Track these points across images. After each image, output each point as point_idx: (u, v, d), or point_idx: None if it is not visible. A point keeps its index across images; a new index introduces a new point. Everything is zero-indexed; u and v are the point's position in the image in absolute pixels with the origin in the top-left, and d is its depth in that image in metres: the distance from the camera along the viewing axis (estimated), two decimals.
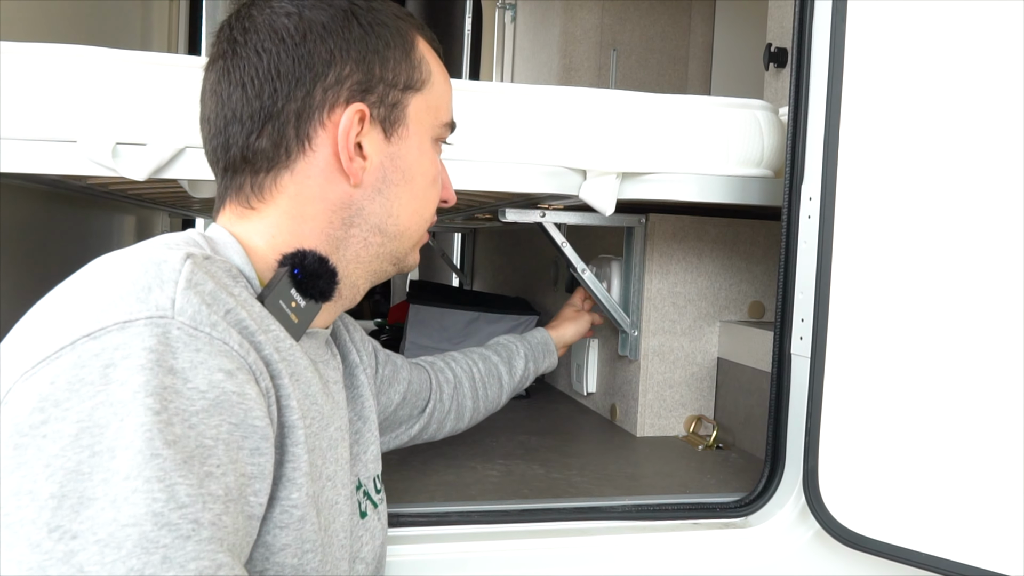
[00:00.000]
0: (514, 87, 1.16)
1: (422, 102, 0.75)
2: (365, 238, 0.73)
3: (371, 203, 0.72)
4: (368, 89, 0.70)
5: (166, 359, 0.51)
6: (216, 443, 0.51)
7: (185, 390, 0.51)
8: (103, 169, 0.99)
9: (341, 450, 0.74)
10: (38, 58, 0.98)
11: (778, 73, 2.02)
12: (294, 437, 0.61)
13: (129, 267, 0.55)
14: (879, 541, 0.99)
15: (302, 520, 0.61)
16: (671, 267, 1.54)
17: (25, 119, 0.98)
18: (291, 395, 0.61)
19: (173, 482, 0.48)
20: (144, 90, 1.00)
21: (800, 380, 1.07)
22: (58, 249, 1.84)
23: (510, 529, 1.04)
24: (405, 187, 0.74)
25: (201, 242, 0.66)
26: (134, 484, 0.46)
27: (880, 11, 0.99)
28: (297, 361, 0.65)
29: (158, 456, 0.48)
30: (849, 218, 1.01)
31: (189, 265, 0.56)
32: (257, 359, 0.57)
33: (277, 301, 0.65)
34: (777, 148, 1.26)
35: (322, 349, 0.76)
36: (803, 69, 1.06)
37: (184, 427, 0.50)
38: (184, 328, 0.52)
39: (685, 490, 1.21)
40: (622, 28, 3.13)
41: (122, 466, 0.47)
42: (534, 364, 1.31)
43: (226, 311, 0.56)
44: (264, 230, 0.70)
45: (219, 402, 0.52)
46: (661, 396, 1.55)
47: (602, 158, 1.16)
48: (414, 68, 0.74)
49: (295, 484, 0.60)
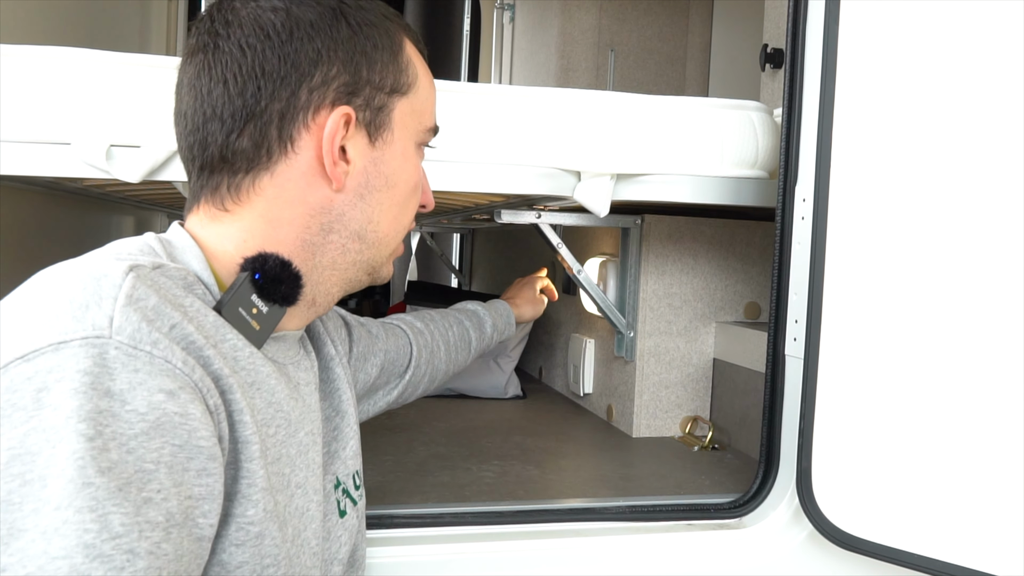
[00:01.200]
0: (508, 89, 1.17)
1: (407, 106, 0.72)
2: (343, 244, 0.70)
3: (352, 209, 0.70)
4: (355, 91, 0.68)
5: (102, 381, 0.49)
6: (157, 467, 0.49)
7: (123, 413, 0.49)
8: (97, 171, 0.99)
9: (313, 455, 0.72)
10: (32, 60, 0.98)
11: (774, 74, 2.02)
12: (248, 452, 0.59)
13: (67, 283, 0.53)
14: (872, 542, 0.99)
15: (259, 537, 0.59)
16: (667, 268, 1.54)
17: (19, 121, 0.98)
18: (244, 409, 0.58)
19: (106, 511, 0.46)
20: (138, 92, 1.00)
21: (794, 381, 1.07)
22: (56, 250, 1.85)
23: (505, 530, 1.04)
24: (387, 193, 0.72)
25: (157, 247, 0.64)
26: (65, 515, 0.45)
27: (873, 12, 0.99)
28: (258, 369, 0.63)
29: (90, 485, 0.46)
30: (842, 219, 1.01)
31: (131, 279, 0.53)
32: (204, 376, 0.55)
33: (236, 308, 0.63)
34: (772, 149, 1.26)
35: (293, 350, 0.74)
36: (797, 70, 1.07)
37: (121, 452, 0.48)
38: (123, 347, 0.50)
39: (680, 491, 1.21)
40: (620, 29, 3.13)
41: (53, 496, 0.45)
42: (498, 335, 1.34)
43: (171, 326, 0.54)
44: (236, 234, 0.67)
45: (160, 424, 0.50)
46: (657, 397, 1.55)
47: (596, 159, 1.17)
48: (401, 71, 0.71)
49: (250, 500, 0.59)
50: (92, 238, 2.15)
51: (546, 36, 3.28)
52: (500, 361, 1.85)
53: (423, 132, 0.75)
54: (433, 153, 1.10)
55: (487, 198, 1.32)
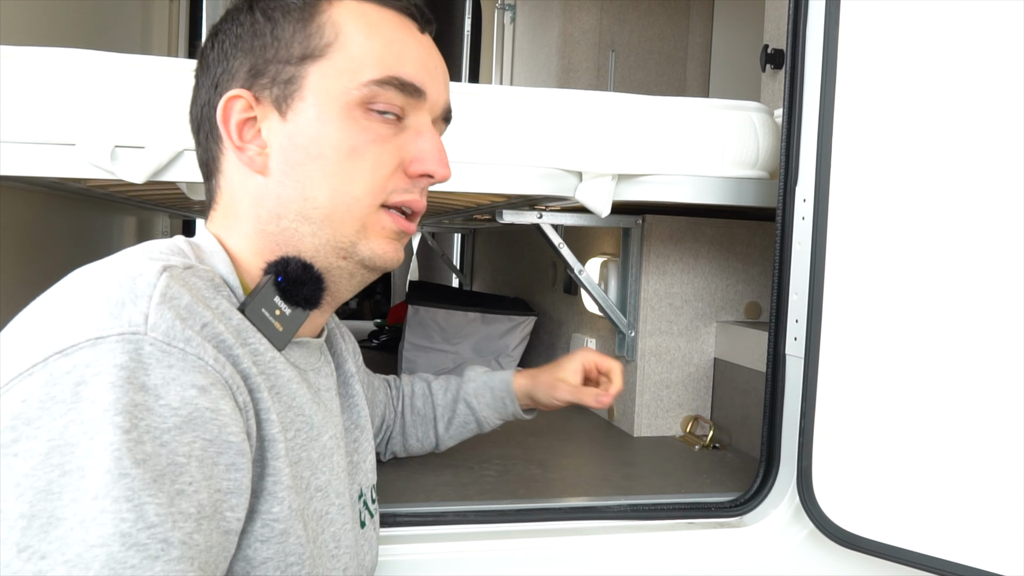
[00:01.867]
0: (510, 89, 1.17)
1: (327, 68, 0.68)
2: (297, 229, 0.68)
3: (284, 189, 0.68)
4: (258, 73, 0.68)
5: (137, 376, 0.50)
6: (189, 460, 0.51)
7: (157, 407, 0.50)
8: (102, 172, 1.00)
9: (337, 458, 0.73)
10: (37, 62, 0.99)
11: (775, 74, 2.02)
12: (275, 451, 0.60)
13: (104, 281, 0.55)
14: (872, 540, 1.00)
15: (284, 534, 0.61)
16: (668, 268, 1.54)
17: (24, 122, 0.99)
18: (270, 408, 0.60)
19: (142, 501, 0.47)
20: (142, 93, 1.01)
21: (794, 380, 1.08)
22: (59, 250, 1.85)
23: (507, 529, 1.05)
24: (313, 164, 0.67)
25: (187, 250, 0.65)
26: (102, 504, 0.46)
27: (873, 13, 0.99)
28: (279, 373, 0.64)
29: (126, 475, 0.47)
30: (843, 220, 1.01)
31: (165, 278, 0.55)
32: (234, 373, 0.57)
33: (259, 309, 0.64)
34: (772, 150, 1.27)
35: (314, 357, 0.75)
36: (797, 71, 1.07)
37: (155, 445, 0.49)
38: (157, 344, 0.52)
39: (681, 490, 1.22)
40: (621, 29, 3.14)
41: (91, 486, 0.47)
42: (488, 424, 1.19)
43: (202, 325, 0.56)
44: (219, 233, 0.71)
45: (192, 419, 0.52)
46: (658, 396, 1.56)
47: (597, 160, 1.17)
48: (311, 36, 0.68)
49: (276, 498, 0.60)
50: (94, 238, 2.16)
51: (547, 36, 3.29)
52: (501, 361, 1.86)
53: (357, 88, 0.68)
54: None
55: (489, 198, 1.33)
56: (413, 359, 1.85)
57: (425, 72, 0.71)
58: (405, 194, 0.71)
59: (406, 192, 0.71)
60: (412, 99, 0.70)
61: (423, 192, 0.73)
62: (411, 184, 0.71)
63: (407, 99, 0.70)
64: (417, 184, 0.72)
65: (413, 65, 0.70)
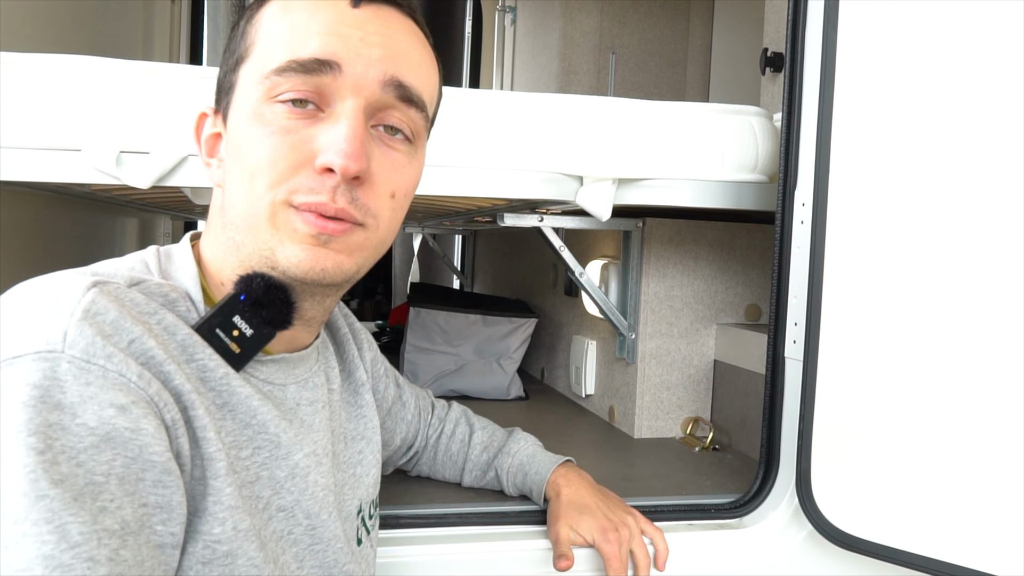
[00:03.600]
0: (512, 95, 1.18)
1: (249, 68, 0.64)
2: (235, 239, 0.65)
3: (226, 197, 0.66)
4: (219, 87, 0.69)
5: (52, 394, 0.49)
6: (108, 478, 0.49)
7: (73, 426, 0.49)
8: (107, 177, 1.01)
9: (315, 477, 0.70)
10: (42, 68, 1.00)
11: (774, 77, 2.03)
12: (214, 469, 0.58)
13: (29, 299, 0.54)
14: (871, 542, 1.01)
15: (230, 555, 0.58)
16: (668, 270, 1.55)
17: (30, 128, 1.00)
18: (207, 427, 0.58)
19: (63, 522, 0.46)
20: (147, 99, 1.02)
21: (793, 383, 1.08)
22: (61, 252, 1.86)
23: (509, 531, 1.05)
24: (237, 169, 0.64)
25: (152, 263, 0.65)
26: (23, 528, 0.45)
27: (871, 16, 1.00)
28: (234, 391, 0.62)
29: (44, 497, 0.46)
30: (841, 223, 1.02)
31: (92, 294, 0.54)
32: (161, 389, 0.55)
33: (213, 329, 0.62)
34: (771, 153, 1.28)
35: (299, 369, 0.72)
36: (796, 75, 1.08)
37: (71, 465, 0.48)
38: (75, 361, 0.50)
39: (681, 491, 1.22)
40: (621, 31, 3.15)
41: (9, 511, 0.45)
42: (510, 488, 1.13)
43: (129, 341, 0.54)
44: (203, 241, 0.70)
45: (110, 437, 0.50)
46: (658, 398, 1.57)
47: (598, 164, 1.18)
48: (243, 39, 0.65)
49: (216, 518, 0.58)
50: (96, 240, 2.17)
51: (547, 39, 3.30)
52: (503, 362, 1.86)
53: (260, 83, 0.62)
54: (439, 158, 1.12)
55: (490, 201, 1.34)
56: (415, 361, 1.86)
57: (339, 42, 0.61)
58: (311, 194, 0.61)
59: (312, 192, 0.61)
60: (325, 77, 0.61)
61: (341, 194, 0.62)
62: (319, 182, 0.61)
63: (319, 79, 0.61)
64: (326, 181, 0.61)
65: (320, 39, 0.61)
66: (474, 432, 1.14)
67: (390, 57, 0.63)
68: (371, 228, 0.65)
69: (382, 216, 0.66)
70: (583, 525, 0.98)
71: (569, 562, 0.95)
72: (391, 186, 0.66)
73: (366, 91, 0.62)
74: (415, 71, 0.66)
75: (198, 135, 0.71)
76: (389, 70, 0.63)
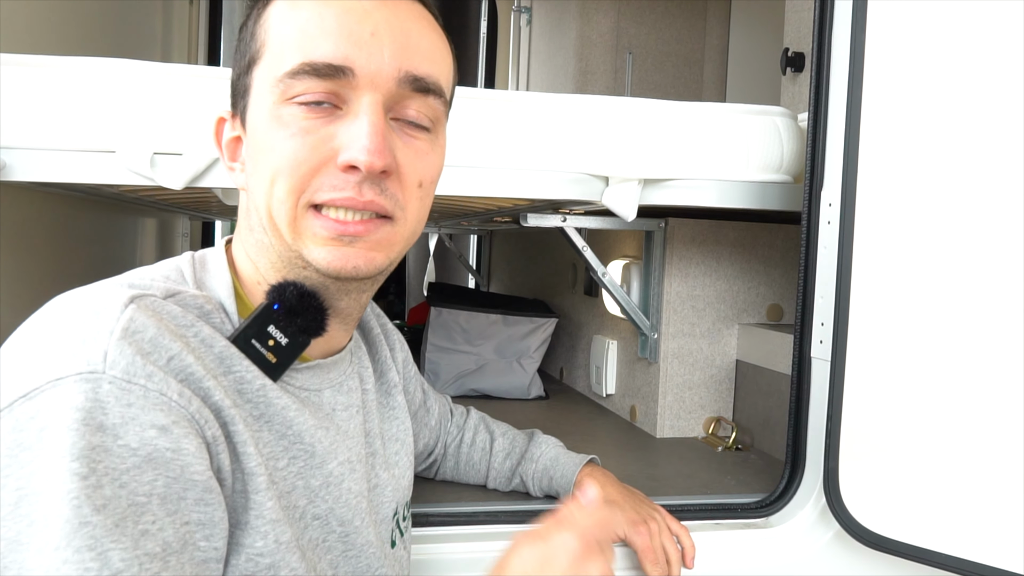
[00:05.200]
0: (537, 96, 1.19)
1: (262, 70, 0.64)
2: (263, 241, 0.65)
3: (250, 201, 0.66)
4: (233, 91, 0.69)
5: (95, 416, 0.49)
6: (150, 499, 0.50)
7: (115, 447, 0.49)
8: (141, 178, 1.02)
9: (350, 484, 0.70)
10: (76, 71, 1.01)
11: (795, 78, 2.03)
12: (255, 484, 0.59)
13: (69, 316, 0.54)
14: (899, 542, 1.01)
15: (272, 567, 0.59)
16: (690, 270, 1.55)
17: (65, 130, 1.01)
18: (247, 441, 0.58)
19: (105, 549, 0.47)
20: (179, 101, 1.03)
21: (820, 383, 1.09)
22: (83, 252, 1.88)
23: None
24: (254, 171, 0.64)
25: (187, 272, 0.65)
26: (64, 555, 0.46)
27: (900, 14, 1.00)
28: (271, 402, 0.62)
29: (87, 524, 0.47)
30: (869, 223, 1.02)
31: (130, 311, 0.54)
32: (201, 407, 0.55)
33: (249, 340, 0.62)
34: (796, 154, 1.28)
35: (334, 373, 0.72)
36: (823, 74, 1.08)
37: (115, 487, 0.49)
38: (116, 382, 0.50)
39: (706, 491, 1.23)
40: (638, 31, 3.15)
41: (53, 537, 0.46)
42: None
43: (168, 359, 0.54)
44: (235, 245, 0.70)
45: (152, 458, 0.50)
46: (680, 398, 1.57)
47: (624, 165, 1.18)
48: (253, 40, 0.65)
49: (259, 532, 0.59)
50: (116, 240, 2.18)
51: (564, 39, 3.30)
52: (523, 362, 1.87)
53: (275, 86, 0.62)
54: (465, 159, 1.13)
55: (512, 202, 1.34)
56: (436, 360, 1.87)
57: (350, 44, 0.61)
58: (335, 191, 0.61)
59: (334, 189, 0.61)
60: (339, 80, 0.61)
61: (368, 187, 0.62)
62: (343, 179, 0.61)
63: (333, 82, 0.61)
64: (350, 178, 0.61)
65: (331, 41, 0.61)
66: (495, 439, 1.14)
67: (402, 50, 0.63)
68: (399, 222, 0.65)
69: (410, 207, 0.66)
70: (612, 520, 0.97)
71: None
72: (418, 175, 0.66)
73: (382, 88, 0.62)
74: (429, 59, 0.65)
75: (218, 139, 0.71)
76: (403, 65, 0.63)
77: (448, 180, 1.13)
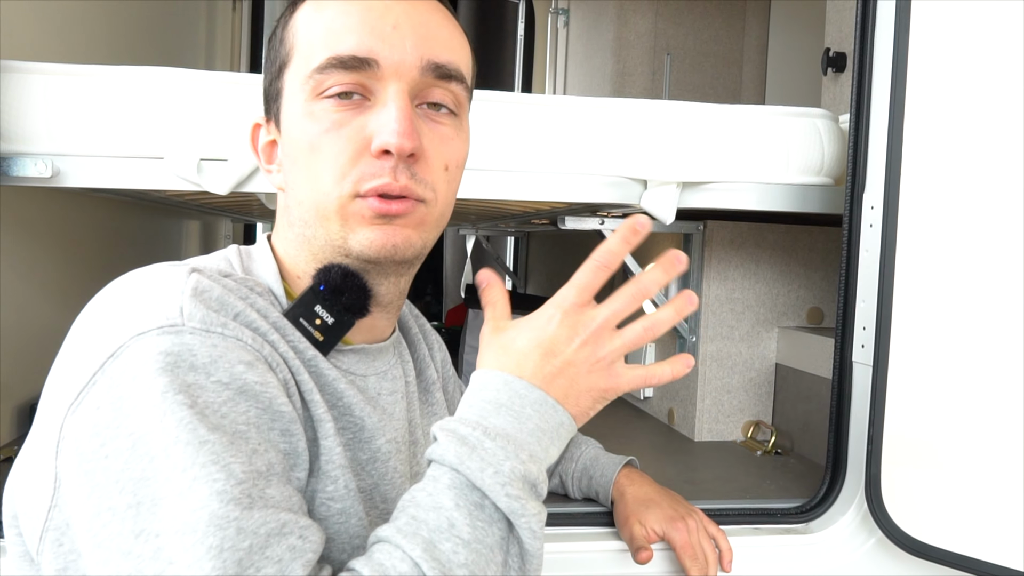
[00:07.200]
0: (576, 99, 1.19)
1: (293, 71, 0.68)
2: (305, 234, 0.68)
3: (289, 198, 0.70)
4: (266, 96, 0.72)
5: (184, 358, 0.53)
6: (248, 427, 0.54)
7: (208, 384, 0.53)
8: (189, 184, 1.04)
9: (395, 463, 0.71)
10: (125, 80, 1.04)
11: (836, 78, 2.00)
12: (323, 430, 0.62)
13: (137, 286, 0.58)
14: (942, 549, 0.99)
15: (343, 513, 0.62)
16: (729, 273, 1.54)
17: (115, 138, 1.04)
18: (314, 389, 0.62)
19: (227, 462, 0.51)
20: (225, 108, 1.05)
21: (862, 388, 1.07)
22: (131, 254, 1.93)
23: (571, 532, 1.06)
24: (293, 169, 0.68)
25: (235, 261, 0.69)
26: (193, 473, 0.49)
27: (945, 14, 0.98)
28: (323, 372, 0.65)
29: (206, 442, 0.50)
30: (912, 226, 1.01)
31: (195, 277, 0.58)
32: (272, 352, 0.59)
33: (297, 319, 0.65)
34: (837, 156, 1.26)
35: (379, 362, 0.74)
36: (865, 75, 1.07)
37: (217, 417, 0.52)
38: (196, 332, 0.55)
39: (745, 495, 1.22)
40: (676, 32, 3.13)
41: (178, 461, 0.50)
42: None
43: (235, 314, 0.58)
44: (276, 240, 0.73)
45: (243, 391, 0.55)
46: (719, 401, 1.56)
47: (663, 168, 1.18)
48: (282, 46, 0.69)
49: (329, 477, 0.62)
50: (161, 242, 2.23)
51: (601, 40, 3.29)
52: None
53: (305, 83, 0.66)
54: (504, 163, 1.14)
55: (550, 204, 1.35)
56: (473, 363, 1.88)
57: (373, 36, 0.64)
58: (374, 179, 0.64)
59: (375, 177, 0.64)
60: (365, 71, 0.64)
61: (401, 172, 0.64)
62: (379, 166, 0.64)
63: (359, 74, 0.64)
64: (385, 164, 0.64)
65: (355, 35, 0.64)
66: None
67: (423, 40, 0.66)
68: (431, 203, 0.68)
69: (439, 189, 0.68)
70: (650, 518, 0.98)
71: (649, 552, 0.96)
72: (443, 159, 0.69)
73: (406, 77, 0.65)
74: (448, 47, 0.68)
75: (255, 145, 0.74)
76: (425, 54, 0.66)
77: (487, 184, 1.14)
